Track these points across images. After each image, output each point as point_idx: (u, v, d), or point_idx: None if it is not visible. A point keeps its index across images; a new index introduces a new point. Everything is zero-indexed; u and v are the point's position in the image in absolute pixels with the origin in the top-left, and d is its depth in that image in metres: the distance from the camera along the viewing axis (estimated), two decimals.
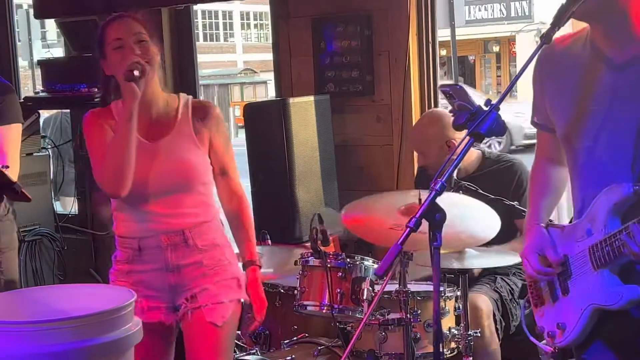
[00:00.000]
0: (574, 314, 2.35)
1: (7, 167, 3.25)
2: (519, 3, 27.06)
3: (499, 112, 2.16)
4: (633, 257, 2.14)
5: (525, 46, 27.13)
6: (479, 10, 27.02)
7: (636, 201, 2.20)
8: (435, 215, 2.13)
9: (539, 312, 2.52)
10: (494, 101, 2.18)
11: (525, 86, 2.58)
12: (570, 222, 2.54)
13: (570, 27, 2.34)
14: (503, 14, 27.29)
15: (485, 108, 2.18)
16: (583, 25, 2.32)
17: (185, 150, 2.78)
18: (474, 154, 3.93)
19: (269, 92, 31.05)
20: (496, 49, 29.81)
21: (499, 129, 2.14)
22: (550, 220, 2.53)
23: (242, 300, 2.93)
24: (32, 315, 2.08)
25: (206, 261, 2.79)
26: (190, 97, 2.90)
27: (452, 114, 2.30)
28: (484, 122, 2.14)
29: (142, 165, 2.74)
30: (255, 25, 37.61)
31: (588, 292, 2.31)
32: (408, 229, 2.11)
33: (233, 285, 2.85)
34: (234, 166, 2.93)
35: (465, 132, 2.23)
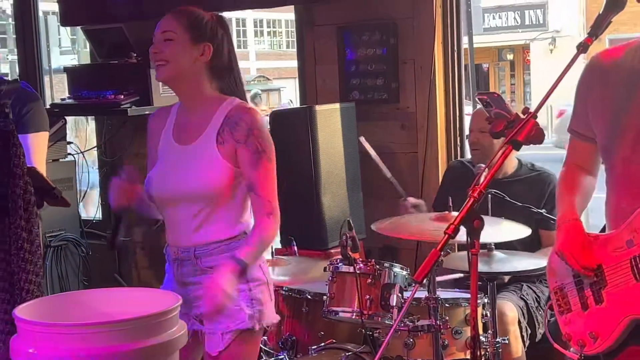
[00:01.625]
0: (610, 324, 2.35)
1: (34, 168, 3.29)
2: (533, 11, 27.05)
3: (537, 120, 2.20)
4: None
5: (540, 54, 27.11)
6: (493, 18, 27.03)
7: None
8: (473, 222, 2.16)
9: (565, 319, 2.51)
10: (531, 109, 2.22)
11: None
12: (602, 231, 2.56)
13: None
14: (517, 22, 27.28)
15: (522, 116, 2.21)
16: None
17: (205, 160, 2.65)
18: (513, 158, 3.97)
19: (283, 99, 31.10)
20: (510, 57, 29.79)
21: (537, 136, 2.17)
22: None
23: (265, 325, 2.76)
24: (79, 318, 2.12)
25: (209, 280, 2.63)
26: (238, 101, 2.72)
27: (488, 122, 2.33)
28: (522, 130, 2.17)
29: (166, 168, 2.72)
30: (269, 33, 37.69)
31: (627, 302, 2.30)
32: (447, 235, 2.14)
33: (234, 313, 2.64)
34: (264, 182, 2.67)
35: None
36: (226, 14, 5.13)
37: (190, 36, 2.66)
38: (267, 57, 35.96)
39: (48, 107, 5.06)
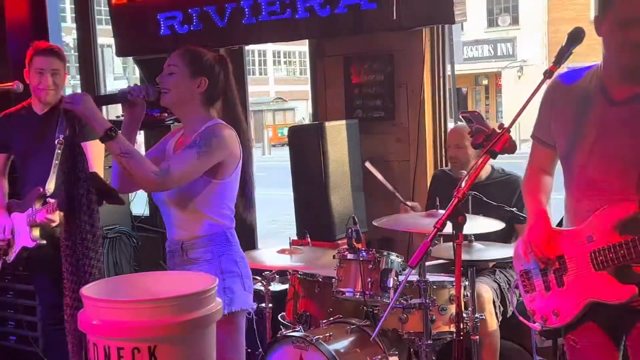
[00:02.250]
0: (571, 304, 2.36)
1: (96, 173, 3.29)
2: (504, 44, 27.04)
3: (510, 134, 2.21)
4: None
5: (510, 80, 27.08)
6: (471, 50, 27.01)
7: (637, 219, 2.23)
8: (457, 218, 2.17)
9: (529, 297, 2.52)
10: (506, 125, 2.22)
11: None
12: (558, 225, 2.56)
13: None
14: (491, 53, 27.27)
15: (498, 131, 2.22)
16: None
17: None
18: (486, 165, 3.95)
19: (296, 117, 31.09)
20: (485, 82, 29.73)
21: (511, 147, 2.18)
22: None
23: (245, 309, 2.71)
24: (133, 295, 2.13)
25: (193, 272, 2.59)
26: (218, 121, 2.67)
27: (470, 135, 2.33)
28: (498, 142, 2.18)
29: None
30: (285, 62, 37.74)
31: (587, 287, 2.31)
32: (436, 229, 2.15)
33: None
34: (177, 159, 2.55)
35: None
36: (250, 47, 5.20)
37: (190, 70, 2.65)
38: (284, 82, 36.00)
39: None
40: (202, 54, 2.71)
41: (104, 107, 6.27)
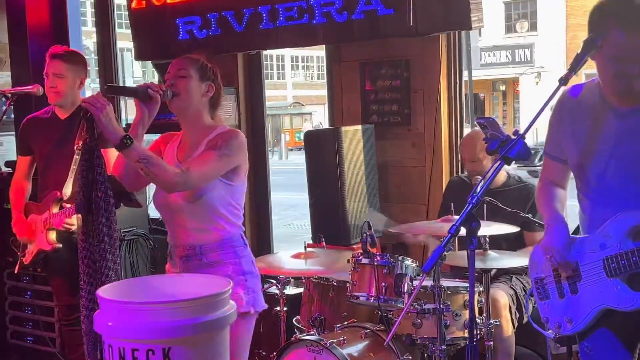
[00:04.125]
0: (584, 310, 2.36)
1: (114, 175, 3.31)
2: (522, 50, 26.91)
3: (525, 141, 2.20)
4: None
5: (527, 86, 26.95)
6: (489, 56, 26.92)
7: None
8: (471, 224, 2.16)
9: (543, 304, 2.52)
10: (520, 131, 2.22)
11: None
12: (574, 233, 2.55)
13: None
14: (509, 59, 27.15)
15: (513, 137, 2.21)
16: None
17: None
18: (502, 172, 3.95)
19: (313, 121, 31.09)
20: (503, 88, 29.61)
21: (525, 154, 2.17)
22: None
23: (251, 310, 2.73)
24: (149, 297, 2.14)
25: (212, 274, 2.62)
26: (228, 127, 2.75)
27: (485, 142, 2.32)
28: (512, 149, 2.17)
29: None
30: (303, 67, 37.78)
31: (600, 294, 2.31)
32: (450, 234, 2.14)
33: (235, 300, 2.49)
34: (199, 160, 2.60)
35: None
36: (268, 51, 5.22)
37: (200, 75, 2.70)
38: (302, 86, 36.02)
39: (124, 126, 5.09)
40: (203, 60, 2.76)
41: (121, 107, 6.36)
